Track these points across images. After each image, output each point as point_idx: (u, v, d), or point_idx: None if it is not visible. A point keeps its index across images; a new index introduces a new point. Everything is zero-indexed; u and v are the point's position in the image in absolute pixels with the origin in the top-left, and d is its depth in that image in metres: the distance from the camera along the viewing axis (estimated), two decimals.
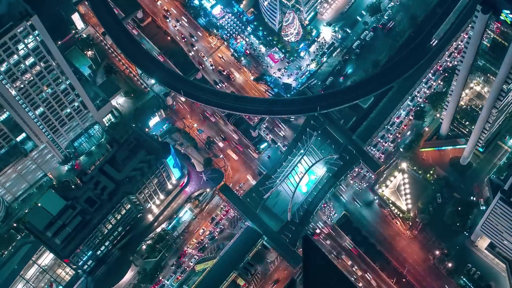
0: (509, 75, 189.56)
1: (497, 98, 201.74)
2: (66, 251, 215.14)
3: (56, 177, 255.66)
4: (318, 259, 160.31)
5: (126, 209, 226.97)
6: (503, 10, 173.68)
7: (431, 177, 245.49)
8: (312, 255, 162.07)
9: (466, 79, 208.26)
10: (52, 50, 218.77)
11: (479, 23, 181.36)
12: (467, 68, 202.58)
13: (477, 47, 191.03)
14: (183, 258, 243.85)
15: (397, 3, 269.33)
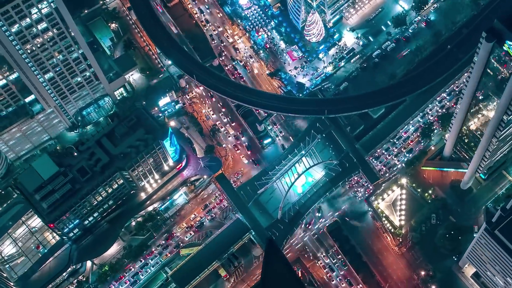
0: (509, 106, 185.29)
1: (497, 128, 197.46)
2: (51, 216, 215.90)
3: (61, 143, 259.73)
4: (278, 263, 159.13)
5: (118, 184, 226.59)
6: (506, 41, 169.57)
7: (429, 197, 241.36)
8: (273, 259, 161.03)
9: (469, 105, 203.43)
10: (66, 18, 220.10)
11: (483, 50, 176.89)
12: (470, 95, 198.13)
13: (480, 74, 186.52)
14: (170, 240, 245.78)
15: (424, 18, 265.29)
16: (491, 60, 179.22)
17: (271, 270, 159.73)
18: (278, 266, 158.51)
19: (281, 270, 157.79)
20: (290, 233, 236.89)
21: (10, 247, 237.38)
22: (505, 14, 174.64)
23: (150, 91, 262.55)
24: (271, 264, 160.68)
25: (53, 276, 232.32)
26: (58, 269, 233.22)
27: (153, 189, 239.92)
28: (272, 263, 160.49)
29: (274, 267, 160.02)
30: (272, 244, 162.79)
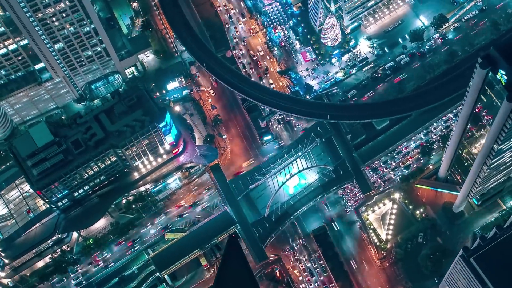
0: (499, 135, 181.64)
1: (488, 156, 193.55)
2: (40, 184, 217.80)
3: (67, 113, 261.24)
4: (237, 260, 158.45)
5: (111, 161, 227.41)
6: (499, 69, 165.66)
7: (420, 215, 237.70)
8: (232, 255, 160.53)
9: (463, 129, 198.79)
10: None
11: (477, 76, 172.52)
12: (464, 120, 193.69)
13: (474, 100, 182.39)
14: (157, 222, 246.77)
15: (442, 34, 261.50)
16: (484, 87, 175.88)
17: (229, 267, 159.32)
18: (236, 263, 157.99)
19: (239, 267, 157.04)
20: (274, 232, 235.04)
21: (1, 207, 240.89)
22: (503, 42, 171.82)
23: (160, 74, 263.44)
24: (229, 260, 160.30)
25: (37, 242, 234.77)
26: (43, 235, 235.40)
27: (146, 170, 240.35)
28: (231, 259, 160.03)
29: (232, 263, 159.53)
30: (234, 241, 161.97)
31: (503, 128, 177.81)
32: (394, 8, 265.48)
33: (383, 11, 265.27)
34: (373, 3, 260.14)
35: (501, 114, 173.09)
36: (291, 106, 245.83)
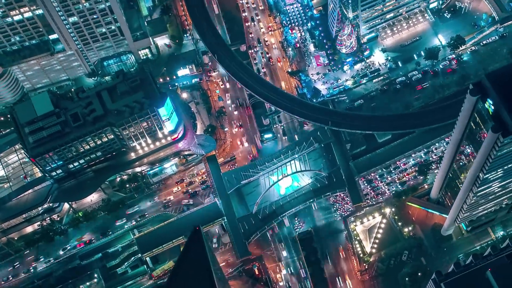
0: (485, 164, 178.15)
1: (473, 183, 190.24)
2: (34, 152, 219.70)
3: (77, 85, 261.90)
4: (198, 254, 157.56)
5: (108, 138, 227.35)
6: (488, 98, 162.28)
7: (407, 233, 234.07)
8: (194, 249, 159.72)
9: (453, 155, 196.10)
10: None
11: (467, 103, 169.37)
12: (454, 145, 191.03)
13: (464, 126, 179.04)
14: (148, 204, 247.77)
15: (458, 55, 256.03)
16: (474, 114, 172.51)
17: (188, 260, 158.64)
18: (196, 257, 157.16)
19: (198, 262, 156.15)
20: (260, 230, 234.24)
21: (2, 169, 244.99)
22: (496, 72, 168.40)
23: (172, 59, 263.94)
24: (190, 253, 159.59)
25: (28, 208, 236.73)
26: (34, 202, 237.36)
27: (144, 152, 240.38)
28: (191, 252, 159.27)
29: (192, 257, 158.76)
30: (197, 234, 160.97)
31: (488, 158, 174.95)
32: (413, 23, 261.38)
33: (402, 25, 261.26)
34: (391, 16, 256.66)
35: (486, 144, 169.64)
36: (294, 107, 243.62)
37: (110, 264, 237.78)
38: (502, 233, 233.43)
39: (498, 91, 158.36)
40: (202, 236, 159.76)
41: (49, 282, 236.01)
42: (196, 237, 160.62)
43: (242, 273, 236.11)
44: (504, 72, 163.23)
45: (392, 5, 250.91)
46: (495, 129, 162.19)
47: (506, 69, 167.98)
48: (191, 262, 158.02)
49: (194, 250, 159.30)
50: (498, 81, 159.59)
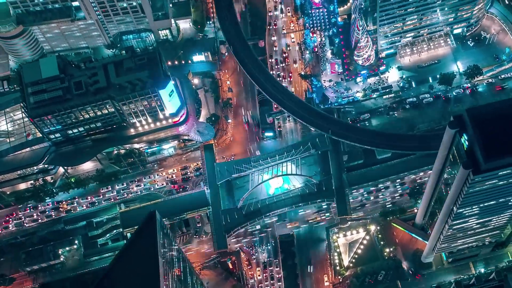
0: (458, 199, 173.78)
1: (448, 216, 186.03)
2: (34, 112, 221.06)
3: (96, 55, 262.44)
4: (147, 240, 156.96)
5: (108, 111, 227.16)
6: (464, 133, 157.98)
7: (388, 254, 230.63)
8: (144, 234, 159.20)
9: (435, 185, 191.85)
10: None
11: (446, 135, 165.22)
12: (435, 176, 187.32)
13: (444, 157, 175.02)
14: (140, 182, 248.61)
15: (473, 85, 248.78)
16: (452, 147, 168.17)
17: (138, 244, 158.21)
18: (146, 241, 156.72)
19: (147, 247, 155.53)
20: (242, 225, 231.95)
21: (4, 123, 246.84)
22: (478, 109, 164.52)
23: (190, 44, 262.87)
24: (141, 238, 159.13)
25: (22, 165, 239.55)
26: (30, 161, 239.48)
27: (143, 130, 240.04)
28: (142, 236, 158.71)
29: (142, 241, 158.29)
30: (152, 219, 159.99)
31: (460, 193, 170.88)
32: (434, 46, 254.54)
33: (422, 46, 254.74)
34: (412, 35, 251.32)
35: (458, 179, 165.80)
36: (297, 110, 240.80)
37: (92, 234, 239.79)
38: (483, 270, 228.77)
39: (475, 127, 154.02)
40: (155, 222, 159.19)
41: (31, 240, 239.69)
42: (150, 222, 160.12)
43: (217, 265, 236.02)
44: (486, 110, 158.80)
45: (413, 25, 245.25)
46: (466, 165, 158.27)
47: (489, 107, 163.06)
48: (140, 246, 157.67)
49: (145, 235, 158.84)
50: (477, 117, 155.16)
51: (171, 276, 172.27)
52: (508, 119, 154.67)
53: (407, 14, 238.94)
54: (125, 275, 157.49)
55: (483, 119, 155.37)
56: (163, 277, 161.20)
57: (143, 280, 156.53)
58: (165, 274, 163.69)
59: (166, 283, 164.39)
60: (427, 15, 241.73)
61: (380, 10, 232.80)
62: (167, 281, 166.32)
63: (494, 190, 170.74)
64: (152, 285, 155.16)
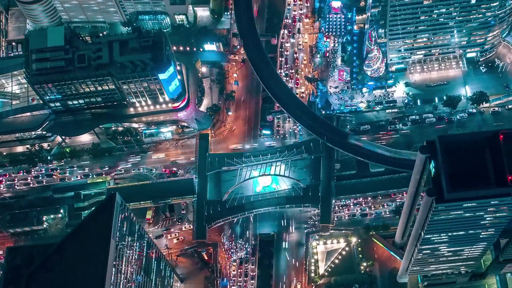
0: (425, 223, 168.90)
1: (417, 240, 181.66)
2: (34, 79, 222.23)
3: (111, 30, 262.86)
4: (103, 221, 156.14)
5: (109, 88, 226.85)
6: (432, 160, 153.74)
7: (365, 268, 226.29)
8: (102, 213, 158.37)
9: (410, 207, 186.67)
10: None
11: (418, 159, 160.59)
12: (410, 199, 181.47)
13: (417, 181, 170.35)
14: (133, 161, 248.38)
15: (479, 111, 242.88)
16: (423, 172, 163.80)
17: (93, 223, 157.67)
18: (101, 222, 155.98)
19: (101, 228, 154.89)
20: (223, 218, 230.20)
21: (11, 85, 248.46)
22: (451, 137, 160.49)
23: (204, 32, 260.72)
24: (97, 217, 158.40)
25: (20, 129, 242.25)
26: (28, 125, 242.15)
27: (143, 111, 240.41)
28: (99, 216, 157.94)
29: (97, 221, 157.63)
30: (111, 200, 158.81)
31: (426, 219, 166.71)
32: (445, 67, 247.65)
33: (433, 65, 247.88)
34: (423, 53, 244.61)
35: (423, 205, 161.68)
36: (296, 112, 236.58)
37: (78, 205, 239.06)
38: None
39: (444, 155, 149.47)
40: (114, 204, 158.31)
41: (19, 203, 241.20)
42: (109, 204, 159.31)
43: (194, 254, 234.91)
44: (458, 139, 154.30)
45: (424, 43, 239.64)
46: (430, 192, 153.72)
47: (461, 136, 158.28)
48: (95, 226, 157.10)
49: (102, 215, 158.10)
50: (448, 146, 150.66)
51: (127, 260, 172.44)
52: (478, 152, 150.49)
53: (417, 32, 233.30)
54: (75, 253, 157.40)
55: (454, 148, 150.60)
56: (114, 259, 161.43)
57: (92, 260, 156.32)
58: (118, 257, 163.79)
59: (117, 265, 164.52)
60: (439, 35, 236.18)
61: (390, 24, 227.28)
62: (120, 264, 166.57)
63: (461, 221, 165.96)
64: (99, 266, 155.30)
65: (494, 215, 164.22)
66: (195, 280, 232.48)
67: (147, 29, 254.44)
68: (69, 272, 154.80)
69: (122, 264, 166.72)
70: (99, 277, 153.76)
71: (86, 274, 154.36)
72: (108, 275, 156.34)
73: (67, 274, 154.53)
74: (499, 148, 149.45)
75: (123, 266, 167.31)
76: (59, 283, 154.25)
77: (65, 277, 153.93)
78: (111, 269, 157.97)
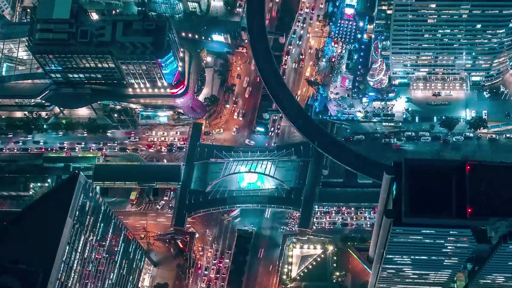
0: (385, 245, 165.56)
1: (380, 259, 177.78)
2: (36, 48, 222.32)
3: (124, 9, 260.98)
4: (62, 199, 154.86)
5: (109, 66, 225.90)
6: (395, 182, 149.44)
7: (337, 278, 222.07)
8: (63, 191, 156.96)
9: (379, 226, 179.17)
10: None
11: (384, 179, 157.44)
12: (380, 215, 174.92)
13: (384, 200, 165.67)
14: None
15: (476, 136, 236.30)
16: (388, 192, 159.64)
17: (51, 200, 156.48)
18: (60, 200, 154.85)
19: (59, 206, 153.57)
20: (203, 209, 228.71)
21: (20, 51, 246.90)
22: (417, 161, 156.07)
23: (215, 22, 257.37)
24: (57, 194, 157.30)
25: (20, 94, 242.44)
26: (28, 92, 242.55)
27: (141, 92, 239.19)
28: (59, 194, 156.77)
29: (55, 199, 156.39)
30: (73, 179, 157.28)
31: (387, 240, 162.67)
32: (448, 87, 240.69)
33: (436, 84, 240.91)
34: (426, 70, 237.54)
35: (383, 227, 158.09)
36: (292, 114, 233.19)
37: (66, 177, 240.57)
38: None
39: (408, 178, 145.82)
40: (76, 183, 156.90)
41: (9, 167, 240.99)
42: (71, 182, 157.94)
43: (171, 241, 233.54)
44: (426, 164, 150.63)
45: (428, 61, 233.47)
46: (388, 214, 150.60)
47: (430, 162, 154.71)
48: (54, 203, 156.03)
49: (63, 193, 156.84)
50: (414, 169, 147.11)
51: (86, 239, 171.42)
52: (445, 180, 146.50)
53: (421, 49, 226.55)
54: (30, 227, 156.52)
55: (421, 173, 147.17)
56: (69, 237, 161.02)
57: (46, 236, 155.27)
58: (74, 235, 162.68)
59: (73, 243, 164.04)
60: (443, 55, 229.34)
61: (393, 38, 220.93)
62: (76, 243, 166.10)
63: (422, 246, 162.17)
64: (52, 243, 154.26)
65: (455, 245, 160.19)
66: (169, 267, 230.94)
67: (159, 12, 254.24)
68: (21, 245, 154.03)
69: (79, 243, 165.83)
70: (50, 253, 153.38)
71: (38, 249, 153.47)
72: (60, 252, 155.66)
73: (19, 247, 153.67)
74: (464, 179, 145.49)
75: (80, 245, 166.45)
76: (9, 254, 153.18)
77: (16, 250, 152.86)
78: (64, 246, 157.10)
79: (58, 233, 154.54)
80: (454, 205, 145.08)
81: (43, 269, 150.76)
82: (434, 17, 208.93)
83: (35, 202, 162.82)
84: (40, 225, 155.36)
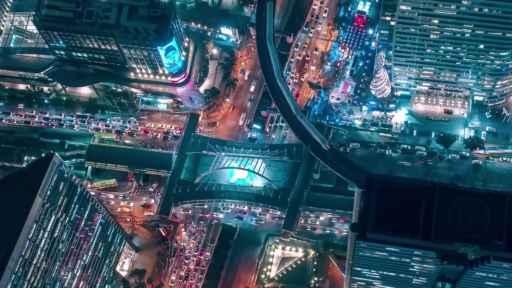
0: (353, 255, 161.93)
1: (350, 270, 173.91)
2: (41, 24, 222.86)
3: None
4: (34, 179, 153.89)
5: (111, 48, 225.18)
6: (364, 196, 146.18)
7: (314, 283, 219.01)
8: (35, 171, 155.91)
9: None
10: None
11: (356, 192, 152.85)
12: None
13: (357, 213, 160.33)
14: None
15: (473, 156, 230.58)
16: None
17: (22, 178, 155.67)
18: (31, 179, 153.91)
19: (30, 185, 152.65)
20: (190, 200, 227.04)
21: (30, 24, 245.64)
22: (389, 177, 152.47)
23: (226, 15, 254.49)
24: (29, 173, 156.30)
25: (24, 67, 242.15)
26: (33, 66, 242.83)
27: (142, 78, 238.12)
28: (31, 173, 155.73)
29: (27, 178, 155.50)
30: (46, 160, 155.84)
31: (353, 254, 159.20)
32: (450, 104, 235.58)
33: (438, 99, 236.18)
34: (429, 85, 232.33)
35: (350, 240, 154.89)
36: (288, 114, 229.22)
37: (60, 154, 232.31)
38: None
39: (376, 194, 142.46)
40: (50, 163, 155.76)
41: (7, 138, 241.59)
42: (45, 161, 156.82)
43: (155, 228, 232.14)
44: (395, 182, 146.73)
45: (430, 76, 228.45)
46: (353, 228, 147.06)
47: (402, 180, 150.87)
48: (25, 180, 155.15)
49: (35, 171, 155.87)
50: (385, 186, 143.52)
51: (56, 219, 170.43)
52: (415, 200, 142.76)
53: (423, 63, 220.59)
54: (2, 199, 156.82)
55: (389, 190, 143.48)
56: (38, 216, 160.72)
57: (13, 212, 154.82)
58: (44, 214, 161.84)
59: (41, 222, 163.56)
60: (445, 71, 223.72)
61: (395, 50, 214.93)
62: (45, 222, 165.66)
63: (388, 263, 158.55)
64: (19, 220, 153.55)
65: (421, 265, 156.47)
66: (150, 253, 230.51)
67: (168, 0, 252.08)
68: None
69: (49, 222, 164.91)
70: (15, 230, 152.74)
71: (3, 225, 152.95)
72: (26, 229, 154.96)
73: None
74: (433, 201, 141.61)
75: (50, 224, 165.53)
76: None
77: None
78: (31, 224, 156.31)
79: (26, 211, 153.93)
80: (420, 226, 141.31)
81: (5, 244, 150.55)
82: (437, 33, 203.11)
83: (6, 177, 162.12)
84: (8, 202, 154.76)
